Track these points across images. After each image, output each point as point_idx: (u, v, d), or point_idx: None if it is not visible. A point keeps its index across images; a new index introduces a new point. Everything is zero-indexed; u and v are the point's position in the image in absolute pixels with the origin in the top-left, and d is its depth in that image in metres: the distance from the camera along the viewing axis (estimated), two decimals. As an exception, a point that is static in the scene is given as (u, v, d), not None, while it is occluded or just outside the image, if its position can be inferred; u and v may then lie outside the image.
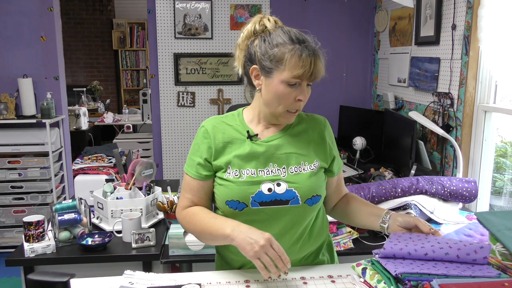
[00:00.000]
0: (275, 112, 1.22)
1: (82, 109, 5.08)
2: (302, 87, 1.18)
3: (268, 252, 1.06)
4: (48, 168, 3.34)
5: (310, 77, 1.16)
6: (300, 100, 1.19)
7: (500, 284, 0.99)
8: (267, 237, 1.07)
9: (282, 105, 1.19)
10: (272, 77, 1.18)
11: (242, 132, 1.27)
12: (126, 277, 1.24)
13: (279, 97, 1.18)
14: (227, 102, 3.73)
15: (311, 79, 1.18)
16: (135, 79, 7.27)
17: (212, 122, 1.29)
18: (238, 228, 1.12)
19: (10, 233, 3.41)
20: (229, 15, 3.60)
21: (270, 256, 1.05)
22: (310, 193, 1.22)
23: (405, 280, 1.05)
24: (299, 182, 1.22)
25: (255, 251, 1.06)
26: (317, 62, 1.16)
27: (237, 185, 1.21)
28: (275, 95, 1.19)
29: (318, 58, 1.16)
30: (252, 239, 1.07)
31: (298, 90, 1.18)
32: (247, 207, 1.20)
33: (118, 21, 7.09)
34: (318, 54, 1.17)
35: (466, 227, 1.89)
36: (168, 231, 1.85)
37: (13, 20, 3.36)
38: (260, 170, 1.22)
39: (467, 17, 2.36)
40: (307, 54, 1.15)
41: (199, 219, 1.22)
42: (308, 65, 1.14)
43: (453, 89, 2.50)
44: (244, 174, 1.22)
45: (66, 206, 1.88)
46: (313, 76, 1.17)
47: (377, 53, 3.73)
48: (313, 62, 1.15)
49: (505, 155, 2.53)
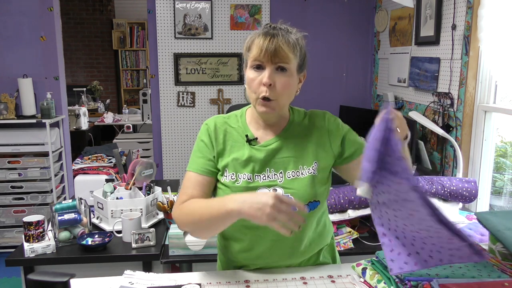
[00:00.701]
0: (253, 104, 1.21)
1: (82, 109, 5.08)
2: (266, 70, 1.15)
3: (281, 209, 0.99)
4: (48, 168, 3.34)
5: (271, 58, 1.13)
6: (265, 85, 1.14)
7: (500, 284, 0.99)
8: (273, 195, 1.01)
9: (252, 92, 1.18)
10: (247, 66, 1.20)
11: (242, 136, 1.25)
12: (126, 277, 1.24)
13: (248, 84, 1.19)
14: (227, 102, 3.73)
15: (274, 61, 1.14)
16: (135, 79, 7.27)
17: (215, 121, 1.28)
18: (240, 199, 1.06)
19: (10, 233, 3.41)
20: (229, 15, 3.60)
21: (284, 212, 0.99)
22: (308, 199, 1.20)
23: (405, 280, 1.05)
24: (296, 187, 1.20)
25: (268, 213, 0.99)
26: (275, 41, 1.13)
27: (233, 191, 1.19)
28: (247, 84, 1.20)
29: (277, 37, 1.14)
30: (260, 203, 1.01)
31: (263, 74, 1.15)
32: None
33: (118, 21, 7.09)
34: (278, 34, 1.15)
35: (466, 227, 1.89)
36: (168, 231, 1.85)
37: (13, 20, 3.36)
38: (256, 175, 1.21)
39: (467, 17, 2.36)
40: (265, 34, 1.15)
41: (196, 206, 1.17)
42: (265, 44, 1.13)
43: (453, 89, 2.50)
44: (240, 178, 1.20)
45: (66, 206, 1.88)
46: (276, 57, 1.13)
47: (377, 53, 3.73)
48: (271, 41, 1.13)
49: (505, 155, 2.53)
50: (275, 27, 1.18)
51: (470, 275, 1.07)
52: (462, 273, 1.07)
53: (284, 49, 1.14)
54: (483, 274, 1.08)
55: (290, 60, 1.15)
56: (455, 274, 1.06)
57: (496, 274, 1.08)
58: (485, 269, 1.11)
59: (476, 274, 1.07)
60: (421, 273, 1.06)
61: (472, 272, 1.08)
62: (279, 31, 1.16)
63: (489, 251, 1.21)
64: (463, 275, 1.06)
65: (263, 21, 3.63)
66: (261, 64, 1.16)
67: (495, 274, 1.08)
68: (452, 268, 1.10)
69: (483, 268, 1.11)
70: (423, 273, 1.06)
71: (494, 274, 1.08)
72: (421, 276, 1.05)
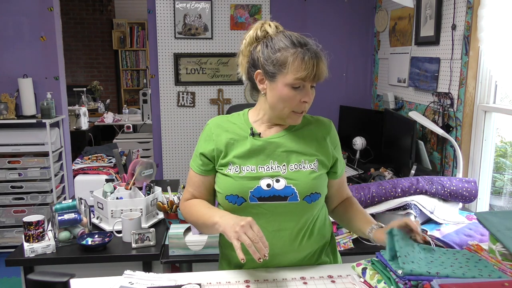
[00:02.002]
0: (281, 114, 1.25)
1: (82, 109, 5.08)
2: (306, 89, 1.21)
3: (247, 232, 1.09)
4: (48, 168, 3.34)
5: (313, 79, 1.19)
6: (305, 102, 1.22)
7: (500, 284, 0.99)
8: (248, 219, 1.12)
9: (288, 107, 1.22)
10: (276, 81, 1.21)
11: (245, 130, 1.29)
12: (126, 277, 1.24)
13: (284, 100, 1.21)
14: (227, 102, 3.73)
15: (314, 81, 1.21)
16: (135, 79, 7.27)
17: (217, 121, 1.33)
18: (225, 216, 1.17)
19: (10, 233, 3.41)
20: (229, 15, 3.60)
21: (249, 237, 1.08)
22: (309, 190, 1.23)
23: (405, 280, 1.05)
24: (298, 179, 1.23)
25: (235, 231, 1.10)
26: (320, 63, 1.19)
27: (236, 180, 1.23)
28: (280, 98, 1.22)
29: (320, 60, 1.19)
30: (234, 221, 1.13)
31: (302, 92, 1.21)
32: (245, 202, 1.23)
33: (118, 21, 7.09)
34: (320, 56, 1.20)
35: (466, 227, 1.89)
36: (168, 231, 1.85)
37: (13, 20, 3.36)
38: (260, 167, 1.25)
39: (467, 17, 2.36)
40: (309, 57, 1.18)
41: (196, 210, 1.29)
42: (310, 67, 1.17)
43: (453, 89, 2.50)
44: (244, 170, 1.24)
45: (66, 206, 1.88)
46: (317, 78, 1.20)
47: (377, 53, 3.73)
48: (316, 64, 1.18)
49: (505, 155, 2.53)
50: (310, 47, 1.21)
51: (470, 274, 1.07)
52: (463, 273, 1.07)
53: (325, 71, 1.22)
54: (483, 274, 1.08)
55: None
56: (455, 273, 1.06)
57: (496, 274, 1.08)
58: (486, 268, 1.11)
59: (476, 274, 1.07)
60: (421, 272, 1.06)
61: (472, 272, 1.08)
62: (319, 54, 1.21)
63: (489, 251, 1.21)
64: (464, 275, 1.06)
65: (263, 21, 3.62)
66: (302, 84, 1.20)
67: (496, 274, 1.08)
68: (453, 267, 1.10)
69: (484, 268, 1.11)
70: (423, 271, 1.06)
71: (494, 274, 1.08)
72: (421, 275, 1.05)
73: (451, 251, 1.22)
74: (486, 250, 1.21)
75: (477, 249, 1.22)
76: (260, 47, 1.25)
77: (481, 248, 1.22)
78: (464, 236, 1.80)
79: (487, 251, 1.20)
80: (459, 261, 1.14)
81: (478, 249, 1.21)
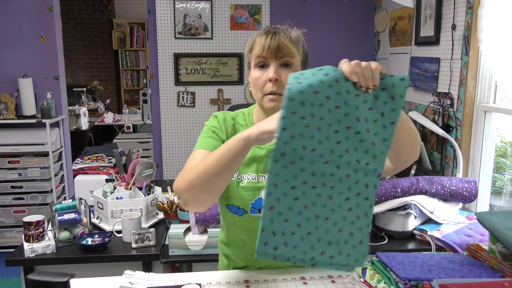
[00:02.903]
0: (260, 102, 1.21)
1: (82, 109, 5.08)
2: (271, 67, 1.16)
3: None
4: (48, 168, 3.34)
5: (275, 54, 1.15)
6: (271, 80, 1.14)
7: (500, 284, 0.99)
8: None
9: (259, 90, 1.18)
10: (250, 68, 1.22)
11: None
12: (126, 277, 1.24)
13: (254, 84, 1.19)
14: (227, 102, 3.73)
15: (278, 56, 1.15)
16: (135, 79, 7.27)
17: (224, 114, 1.27)
18: (251, 127, 1.03)
19: (10, 233, 3.41)
20: (229, 15, 3.60)
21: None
22: None
23: (405, 280, 1.05)
24: None
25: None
26: (277, 37, 1.15)
27: (237, 191, 1.20)
28: (252, 83, 1.21)
29: (278, 34, 1.16)
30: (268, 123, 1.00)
31: (268, 71, 1.17)
32: (246, 213, 1.20)
33: (118, 21, 7.09)
34: (279, 31, 1.17)
35: (466, 227, 1.89)
36: (168, 231, 1.85)
37: (13, 20, 3.36)
38: (261, 175, 1.21)
39: (467, 17, 2.36)
40: (266, 32, 1.18)
41: (204, 157, 1.13)
42: (268, 41, 1.15)
43: (453, 89, 2.50)
44: (245, 179, 1.21)
45: (66, 206, 1.88)
46: (279, 52, 1.15)
47: (377, 53, 3.72)
48: (273, 38, 1.15)
49: (505, 155, 2.53)
50: (275, 26, 1.21)
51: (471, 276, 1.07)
52: (461, 276, 1.07)
53: (287, 44, 1.16)
54: (482, 275, 1.08)
55: (294, 55, 1.17)
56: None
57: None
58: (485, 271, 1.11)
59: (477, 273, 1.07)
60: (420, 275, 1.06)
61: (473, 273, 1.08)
62: (280, 29, 1.19)
63: (489, 251, 1.21)
64: (462, 277, 1.06)
65: (263, 21, 3.63)
66: (265, 62, 1.17)
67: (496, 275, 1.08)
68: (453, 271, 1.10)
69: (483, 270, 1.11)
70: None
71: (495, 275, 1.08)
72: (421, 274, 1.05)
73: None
74: (486, 250, 1.21)
75: (477, 249, 1.21)
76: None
77: (481, 248, 1.22)
78: (464, 236, 1.80)
79: (487, 251, 1.20)
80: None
81: (478, 249, 1.21)
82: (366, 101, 0.92)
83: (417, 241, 1.90)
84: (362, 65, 0.93)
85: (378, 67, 0.94)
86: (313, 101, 0.88)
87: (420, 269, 1.08)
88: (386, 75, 0.94)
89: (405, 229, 1.91)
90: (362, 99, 0.92)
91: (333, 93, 0.90)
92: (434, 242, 1.82)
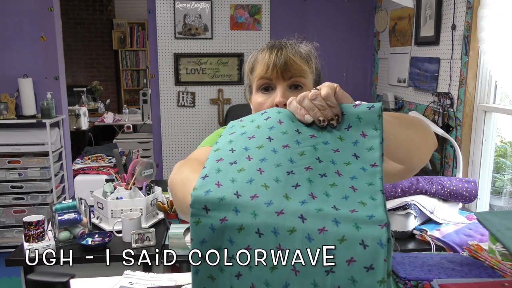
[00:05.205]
0: None
1: (82, 109, 5.08)
2: (278, 90, 0.95)
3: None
4: (48, 168, 3.34)
5: (281, 73, 0.94)
6: (278, 106, 0.92)
7: (500, 284, 0.99)
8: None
9: None
10: (252, 91, 1.02)
11: None
12: (126, 277, 1.24)
13: (257, 110, 0.95)
14: (227, 102, 3.73)
15: (286, 76, 0.95)
16: (135, 79, 7.27)
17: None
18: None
19: (10, 233, 3.41)
20: (229, 15, 3.60)
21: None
22: None
23: (405, 280, 1.05)
24: None
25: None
26: (284, 53, 0.95)
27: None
28: (255, 110, 0.99)
29: (285, 49, 0.96)
30: None
31: (274, 94, 0.96)
32: None
33: (118, 21, 7.09)
34: (286, 45, 0.97)
35: (466, 227, 1.89)
36: (168, 231, 1.85)
37: (13, 20, 3.36)
38: None
39: (467, 17, 2.36)
40: (270, 47, 0.97)
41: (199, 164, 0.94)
42: (272, 58, 0.94)
43: (453, 89, 2.50)
44: None
45: (66, 206, 1.88)
46: (287, 72, 0.94)
47: (377, 53, 3.72)
48: (278, 54, 0.95)
49: (505, 155, 2.53)
50: (280, 41, 1.01)
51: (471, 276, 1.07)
52: (461, 276, 1.07)
53: (296, 61, 0.95)
54: (482, 275, 1.08)
55: (305, 73, 0.97)
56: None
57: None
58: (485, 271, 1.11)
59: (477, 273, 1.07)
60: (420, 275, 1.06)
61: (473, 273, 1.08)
62: (287, 43, 0.99)
63: (489, 251, 1.21)
64: (462, 277, 1.06)
65: (263, 21, 3.63)
66: (269, 84, 0.96)
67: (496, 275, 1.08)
68: (453, 271, 1.10)
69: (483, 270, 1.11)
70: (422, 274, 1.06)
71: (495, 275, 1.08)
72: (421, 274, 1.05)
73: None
74: (486, 250, 1.21)
75: (477, 249, 1.21)
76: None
77: (481, 248, 1.22)
78: (464, 236, 1.80)
79: (487, 251, 1.20)
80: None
81: (478, 249, 1.21)
82: (328, 143, 0.71)
83: (417, 241, 1.90)
84: (309, 96, 0.71)
85: (329, 92, 0.70)
86: (247, 145, 0.70)
87: (420, 269, 1.08)
88: (347, 107, 0.72)
89: (405, 229, 1.91)
90: (320, 140, 0.71)
91: (277, 134, 0.72)
92: (434, 242, 1.82)
